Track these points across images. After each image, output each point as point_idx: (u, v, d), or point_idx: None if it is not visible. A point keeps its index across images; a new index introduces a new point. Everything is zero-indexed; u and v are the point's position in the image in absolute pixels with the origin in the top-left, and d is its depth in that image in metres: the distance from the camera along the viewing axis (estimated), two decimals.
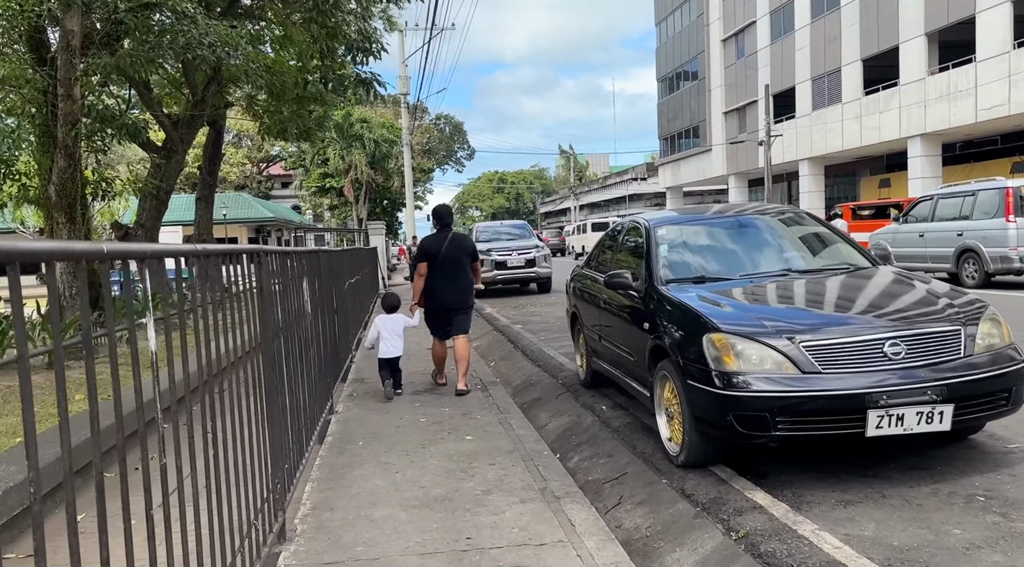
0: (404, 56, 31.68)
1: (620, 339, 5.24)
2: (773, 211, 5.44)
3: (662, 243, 5.04)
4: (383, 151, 37.18)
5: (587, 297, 6.26)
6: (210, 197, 20.34)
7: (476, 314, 14.17)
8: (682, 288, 4.56)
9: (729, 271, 4.76)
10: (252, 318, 3.40)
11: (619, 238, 5.94)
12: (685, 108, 49.35)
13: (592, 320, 6.07)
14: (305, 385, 4.84)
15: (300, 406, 4.55)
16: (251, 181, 61.57)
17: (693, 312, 4.12)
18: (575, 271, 7.22)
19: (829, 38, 33.74)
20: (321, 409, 5.82)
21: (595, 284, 6.05)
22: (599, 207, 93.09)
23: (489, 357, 9.86)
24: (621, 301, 5.16)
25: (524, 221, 21.23)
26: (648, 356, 4.53)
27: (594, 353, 6.11)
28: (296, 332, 4.62)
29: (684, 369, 3.99)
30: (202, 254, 2.37)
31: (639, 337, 4.75)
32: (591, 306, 6.10)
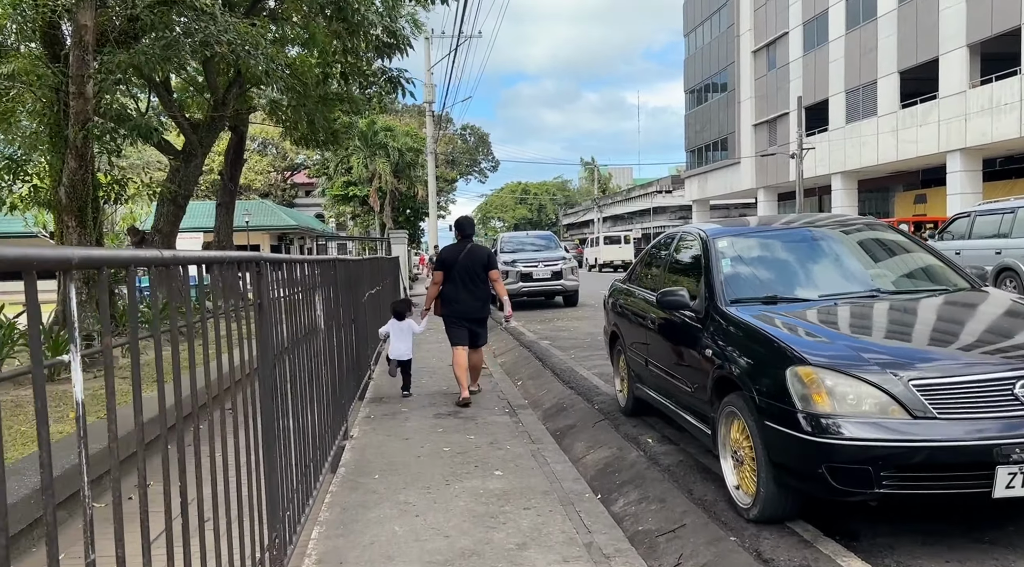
0: (430, 63, 31.33)
1: (673, 366, 4.61)
2: (852, 222, 4.77)
3: (724, 256, 4.40)
4: (407, 160, 36.82)
5: (630, 315, 5.64)
6: (231, 203, 19.99)
7: (501, 329, 13.58)
8: (752, 309, 3.92)
9: (806, 290, 4.12)
10: (248, 339, 2.82)
11: (669, 251, 5.31)
12: (713, 120, 48.59)
13: (636, 341, 5.44)
14: (316, 410, 4.27)
15: (309, 435, 3.98)
16: (275, 189, 61.66)
17: (772, 339, 3.48)
18: (614, 286, 6.59)
19: (865, 50, 32.90)
20: (335, 434, 5.25)
21: (640, 301, 5.43)
22: (623, 219, 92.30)
23: (516, 375, 9.24)
24: (675, 322, 4.54)
25: (550, 232, 20.62)
26: (711, 389, 3.90)
27: (638, 378, 5.48)
28: (306, 351, 4.06)
29: (760, 407, 3.35)
30: (171, 262, 1.79)
31: (698, 365, 4.12)
32: (635, 326, 5.48)
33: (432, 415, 6.58)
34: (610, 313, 6.43)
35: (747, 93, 44.01)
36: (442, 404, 7.04)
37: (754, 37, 43.05)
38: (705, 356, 3.97)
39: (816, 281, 4.21)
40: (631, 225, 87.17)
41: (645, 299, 5.22)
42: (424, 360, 9.18)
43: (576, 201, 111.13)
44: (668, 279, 5.08)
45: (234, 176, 19.83)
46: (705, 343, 4.01)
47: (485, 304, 7.37)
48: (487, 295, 7.37)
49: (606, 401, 6.62)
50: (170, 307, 1.96)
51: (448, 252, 7.36)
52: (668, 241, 5.48)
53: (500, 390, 7.72)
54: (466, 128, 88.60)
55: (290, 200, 64.87)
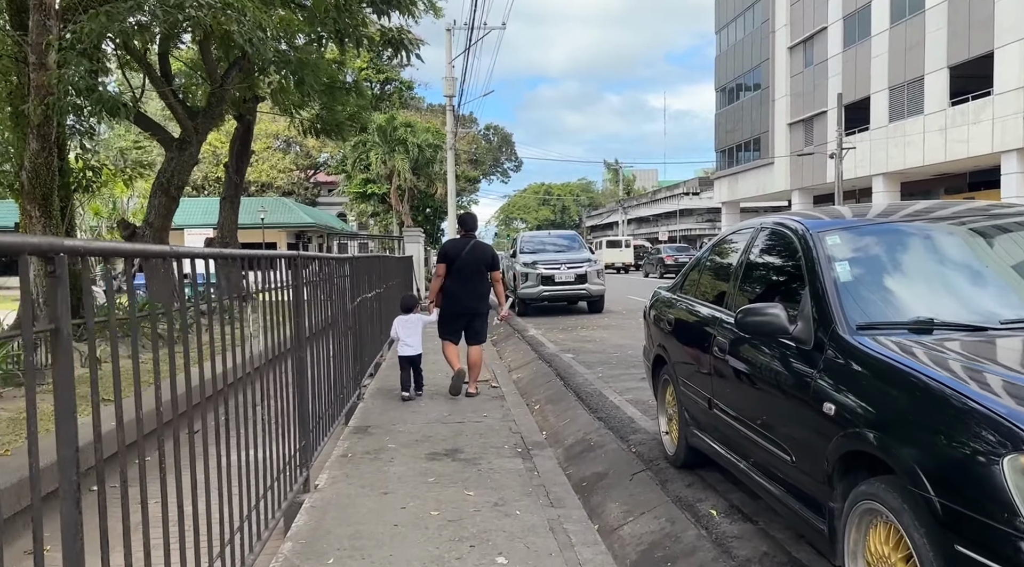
0: (451, 56, 30.05)
1: (756, 416, 3.19)
2: (1013, 213, 3.29)
3: (837, 260, 2.97)
4: (427, 156, 35.54)
5: (685, 336, 4.23)
6: (235, 197, 18.83)
7: (519, 337, 12.23)
8: (895, 340, 2.51)
9: (975, 312, 2.69)
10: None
11: (741, 251, 3.87)
12: (746, 119, 46.80)
13: (694, 372, 4.02)
14: (260, 453, 2.94)
15: (244, 483, 2.65)
16: (298, 187, 60.91)
17: (957, 399, 2.06)
18: (658, 296, 5.17)
19: (911, 44, 31.06)
20: (291, 482, 3.92)
21: (699, 318, 4.02)
22: (648, 221, 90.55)
23: (533, 395, 7.85)
24: (762, 353, 3.13)
25: (574, 231, 19.20)
26: (831, 464, 2.48)
27: (694, 422, 4.07)
28: (262, 376, 2.76)
29: (941, 516, 1.94)
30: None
31: (804, 422, 2.71)
32: (693, 351, 4.07)
33: (425, 454, 5.21)
34: (653, 329, 5.01)
35: (782, 91, 42.22)
36: (437, 437, 5.66)
37: (790, 33, 41.25)
38: (821, 410, 2.56)
39: (988, 298, 2.78)
40: (656, 227, 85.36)
41: (711, 316, 3.81)
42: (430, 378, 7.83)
43: (600, 203, 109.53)
44: (742, 291, 3.66)
45: (240, 169, 18.68)
46: (820, 390, 2.60)
47: (484, 300, 7.47)
48: (487, 291, 7.48)
49: (646, 442, 5.21)
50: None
51: (451, 246, 7.52)
52: (739, 238, 4.06)
53: (513, 419, 6.33)
54: (489, 128, 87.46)
55: (312, 199, 64.14)
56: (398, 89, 43.00)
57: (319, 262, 5.10)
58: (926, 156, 30.40)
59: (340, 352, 6.13)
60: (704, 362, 3.78)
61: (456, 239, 7.71)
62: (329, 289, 5.55)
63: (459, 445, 5.43)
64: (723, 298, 3.78)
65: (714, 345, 3.63)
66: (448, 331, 7.46)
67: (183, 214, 33.98)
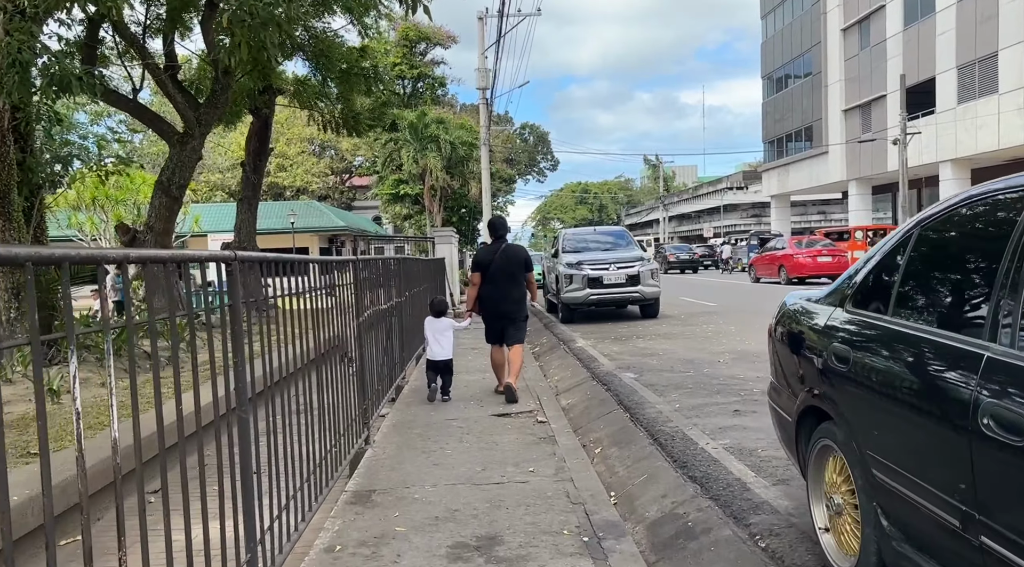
0: (484, 46, 28.44)
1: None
2: None
3: None
4: (460, 154, 33.94)
5: (892, 389, 2.41)
6: (254, 198, 17.46)
7: (564, 349, 10.53)
8: None
9: None
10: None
11: (1011, 232, 2.07)
12: (796, 107, 44.35)
13: (917, 458, 2.24)
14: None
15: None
16: (333, 192, 60.08)
17: None
18: (802, 309, 3.38)
19: (982, 18, 28.54)
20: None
21: (924, 358, 2.25)
22: (689, 218, 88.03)
23: (590, 432, 6.13)
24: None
25: (622, 227, 17.40)
26: None
27: (908, 537, 2.30)
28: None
29: None
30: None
31: None
32: (917, 419, 2.27)
33: (446, 548, 3.53)
34: (796, 363, 3.23)
35: (835, 76, 39.74)
36: (470, 507, 3.99)
37: (843, 13, 38.78)
38: None
39: None
40: (699, 224, 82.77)
41: (966, 355, 2.03)
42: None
43: (639, 201, 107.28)
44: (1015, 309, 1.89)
45: (257, 167, 17.28)
46: None
47: (521, 304, 7.40)
48: (523, 294, 7.44)
49: (778, 529, 3.45)
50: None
51: (483, 254, 7.55)
52: (997, 208, 2.26)
53: (569, 477, 4.63)
54: (525, 127, 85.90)
55: (348, 203, 63.28)
56: (430, 85, 41.65)
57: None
58: (1001, 139, 27.87)
59: (338, 388, 4.53)
60: (950, 445, 2.01)
61: (487, 246, 7.75)
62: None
63: (496, 530, 3.74)
64: (981, 321, 2.02)
65: (983, 415, 1.86)
66: (490, 336, 7.54)
67: (211, 219, 33.05)
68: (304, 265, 4.10)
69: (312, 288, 4.14)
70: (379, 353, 6.60)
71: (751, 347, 9.41)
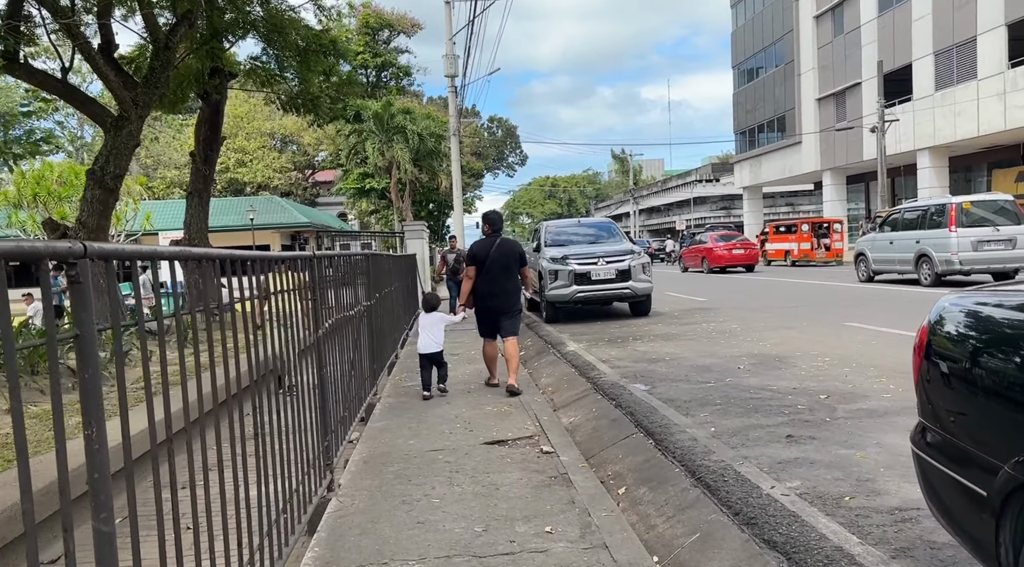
0: (451, 31, 27.15)
1: None
2: None
3: None
4: (428, 146, 32.58)
5: None
6: (205, 191, 15.97)
7: (555, 354, 9.41)
8: None
9: None
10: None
11: None
12: (768, 97, 43.77)
13: None
14: None
15: None
16: (296, 188, 58.20)
17: None
18: (1011, 319, 2.27)
19: (960, 2, 28.02)
20: None
21: None
22: (659, 211, 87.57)
23: (607, 464, 4.99)
24: None
25: (609, 219, 16.33)
26: None
27: None
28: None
29: None
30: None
31: None
32: None
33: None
34: (985, 407, 2.11)
35: (808, 64, 39.18)
36: None
37: (816, 1, 38.20)
38: None
39: None
40: (669, 217, 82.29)
41: None
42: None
43: (607, 194, 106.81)
44: None
45: (209, 157, 15.81)
46: None
47: (515, 297, 7.51)
48: (518, 287, 7.54)
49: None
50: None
51: (479, 247, 7.50)
52: None
53: (597, 530, 3.48)
54: (493, 120, 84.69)
55: (312, 199, 61.48)
56: (395, 74, 40.17)
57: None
58: (981, 125, 27.40)
59: (290, 424, 3.34)
60: None
61: (483, 239, 7.68)
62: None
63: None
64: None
65: None
66: (484, 330, 7.59)
67: (164, 217, 31.29)
68: (227, 263, 2.89)
69: (258, 292, 2.93)
70: (345, 370, 5.40)
71: (767, 349, 8.36)
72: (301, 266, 4.23)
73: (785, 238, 31.35)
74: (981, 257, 14.85)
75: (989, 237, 14.90)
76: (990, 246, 14.87)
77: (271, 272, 3.40)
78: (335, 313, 5.12)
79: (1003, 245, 14.83)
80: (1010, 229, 14.89)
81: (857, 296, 14.55)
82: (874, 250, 17.82)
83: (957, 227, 14.91)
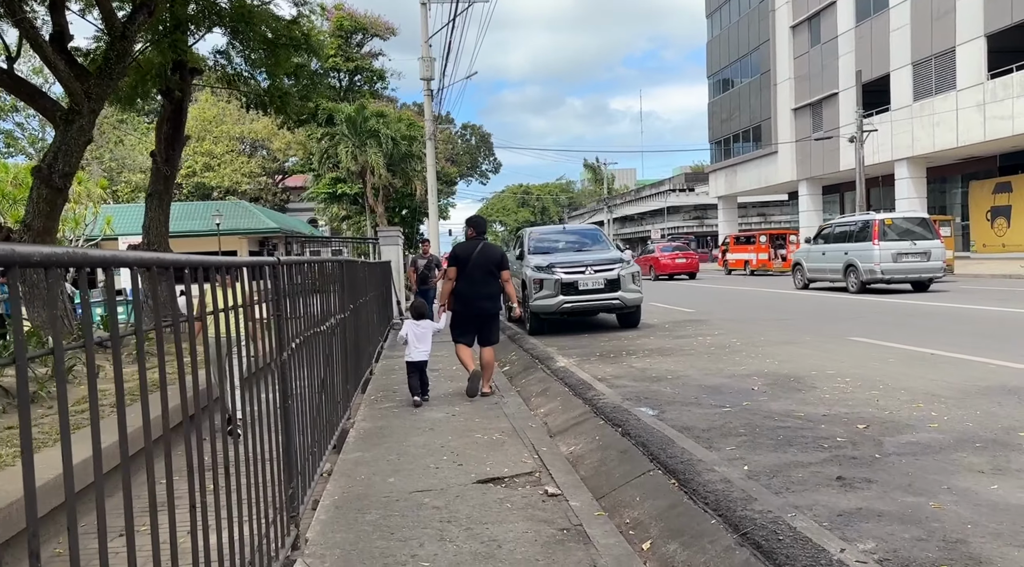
0: (428, 33, 26.41)
1: None
2: None
3: None
4: (402, 150, 31.75)
5: None
6: (166, 193, 14.97)
7: (544, 370, 8.70)
8: None
9: None
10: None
11: None
12: (744, 106, 43.65)
13: None
14: None
15: None
16: (266, 193, 56.87)
17: None
18: None
19: (938, 13, 27.99)
20: None
21: None
22: (632, 220, 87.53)
23: (621, 509, 4.25)
24: None
25: (596, 226, 15.67)
26: None
27: None
28: None
29: None
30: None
31: None
32: None
33: None
34: None
35: (785, 74, 39.11)
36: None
37: (792, 10, 38.16)
38: None
39: None
40: (642, 225, 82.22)
41: None
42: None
43: (580, 203, 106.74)
44: None
45: (171, 157, 14.83)
46: None
47: (495, 300, 7.50)
48: (499, 292, 7.50)
49: None
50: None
51: (462, 249, 7.54)
52: None
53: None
54: (467, 127, 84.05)
55: (282, 205, 60.20)
56: (369, 78, 39.29)
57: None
58: (960, 136, 27.33)
59: (244, 469, 2.57)
60: None
61: (465, 242, 7.71)
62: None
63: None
64: None
65: None
66: (461, 333, 7.52)
67: (125, 221, 30.01)
68: (168, 270, 2.11)
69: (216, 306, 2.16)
70: (315, 396, 4.62)
71: (777, 368, 7.72)
72: (262, 274, 3.46)
73: (745, 248, 32.60)
74: (900, 268, 16.44)
75: (907, 250, 16.55)
76: (908, 258, 16.50)
77: (218, 281, 2.62)
78: (304, 328, 4.34)
79: (919, 258, 16.49)
80: (926, 243, 16.56)
81: (850, 308, 14.05)
82: (809, 260, 19.41)
83: (880, 240, 16.57)
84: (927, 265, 16.51)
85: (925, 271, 16.52)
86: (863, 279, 16.85)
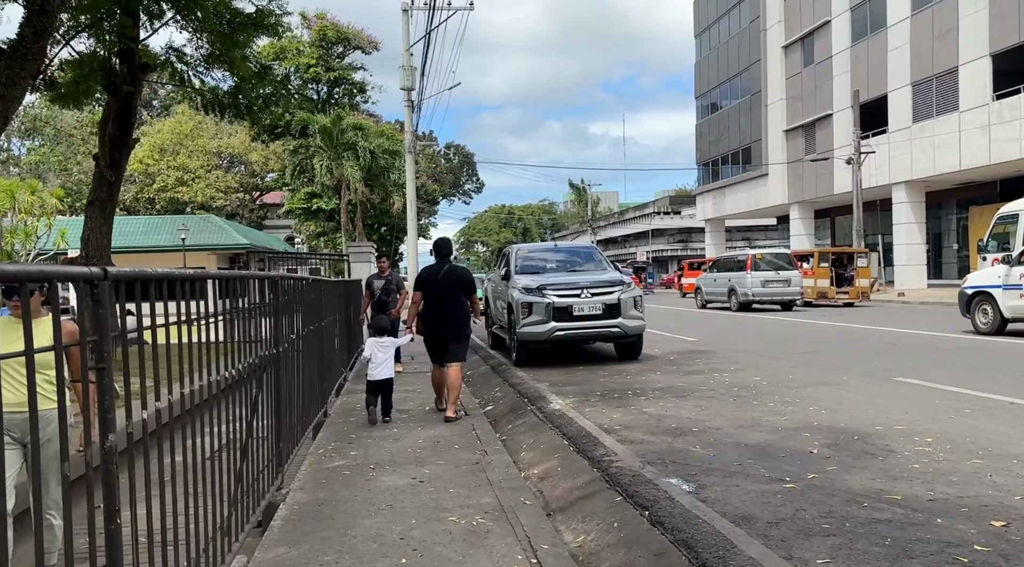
0: (409, 42, 25.06)
1: None
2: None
3: None
4: (381, 164, 30.25)
5: None
6: (109, 202, 13.23)
7: (536, 414, 7.14)
8: None
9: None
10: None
11: None
12: (733, 128, 42.70)
13: None
14: None
15: None
16: (243, 209, 55.01)
17: None
18: None
19: (940, 31, 27.11)
20: None
21: None
22: (616, 242, 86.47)
23: None
24: None
25: (591, 243, 14.18)
26: None
27: None
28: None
29: None
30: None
31: None
32: None
33: None
34: None
35: (776, 94, 38.20)
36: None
37: (785, 30, 37.35)
38: None
39: None
40: (627, 248, 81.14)
41: None
42: None
43: (563, 224, 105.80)
44: None
45: (116, 161, 13.08)
46: None
47: (464, 322, 7.40)
48: (466, 312, 7.42)
49: None
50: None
51: (427, 273, 7.46)
52: None
53: None
54: (450, 146, 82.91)
55: (259, 221, 58.40)
56: (348, 91, 37.87)
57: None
58: (963, 159, 26.33)
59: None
60: None
61: (431, 265, 7.53)
62: None
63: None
64: None
65: None
66: (433, 356, 7.48)
67: (80, 234, 28.15)
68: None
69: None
70: (223, 464, 3.06)
71: (829, 419, 6.21)
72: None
73: (697, 274, 31.95)
74: (767, 291, 20.86)
75: (773, 278, 20.84)
76: (773, 284, 20.83)
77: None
78: (207, 372, 2.80)
79: (782, 284, 20.80)
80: (787, 273, 20.93)
81: (871, 341, 12.64)
82: (705, 285, 23.93)
83: (752, 271, 20.77)
84: (788, 290, 20.81)
85: (787, 294, 20.88)
86: (740, 300, 21.02)
